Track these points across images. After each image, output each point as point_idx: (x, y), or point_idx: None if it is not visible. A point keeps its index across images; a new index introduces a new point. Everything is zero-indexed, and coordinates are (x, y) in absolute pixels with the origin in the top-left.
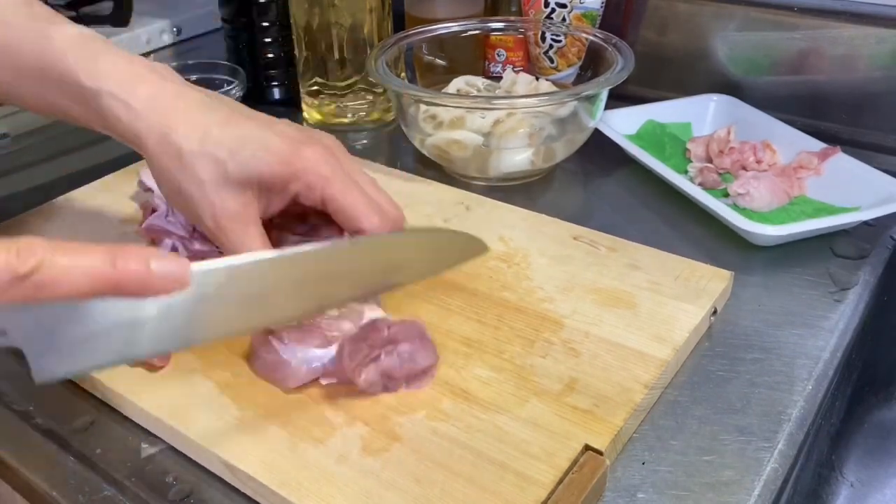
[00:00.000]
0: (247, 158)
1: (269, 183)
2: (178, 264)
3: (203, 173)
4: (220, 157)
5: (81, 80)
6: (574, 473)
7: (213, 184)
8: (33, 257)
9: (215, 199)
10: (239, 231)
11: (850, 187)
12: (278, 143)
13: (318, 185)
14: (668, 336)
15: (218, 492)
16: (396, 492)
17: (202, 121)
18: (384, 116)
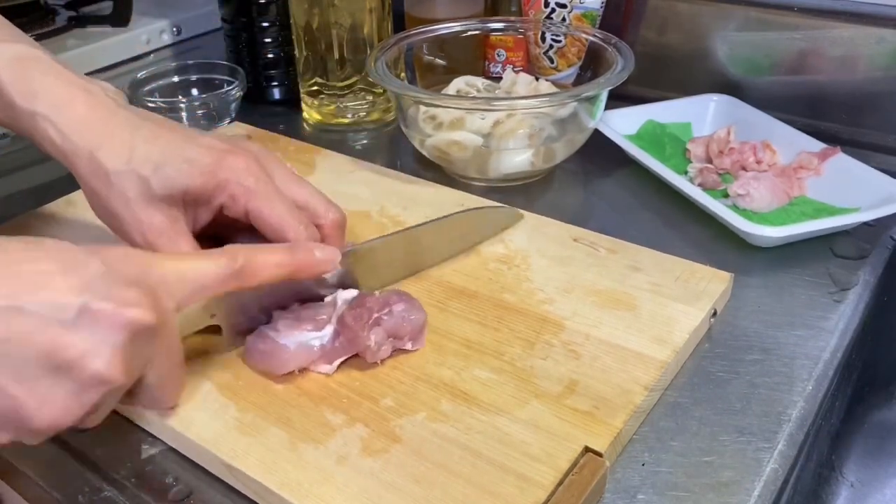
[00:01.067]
0: (170, 173)
1: (194, 196)
2: (333, 251)
3: (129, 191)
4: (145, 175)
5: (15, 100)
6: (574, 475)
7: (139, 201)
8: (240, 257)
9: (142, 216)
10: (168, 246)
11: (850, 187)
12: (201, 155)
13: (241, 196)
14: (668, 338)
15: (218, 492)
16: (396, 493)
17: (129, 139)
18: (384, 116)
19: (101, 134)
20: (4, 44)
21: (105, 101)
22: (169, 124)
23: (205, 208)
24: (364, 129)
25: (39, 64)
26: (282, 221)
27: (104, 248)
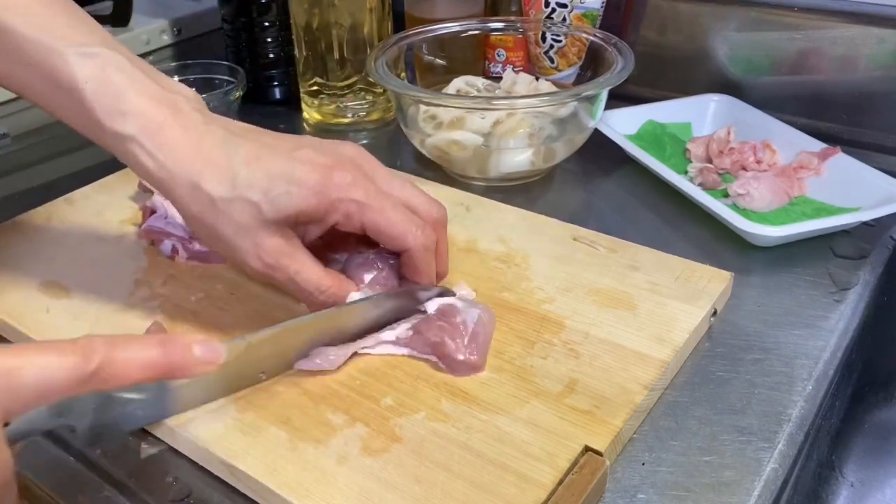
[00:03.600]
0: (279, 196)
1: (307, 217)
2: (215, 347)
3: (239, 218)
4: (254, 200)
5: (102, 120)
6: (574, 474)
7: (251, 227)
8: (96, 357)
9: (257, 241)
10: (287, 263)
11: (850, 187)
12: (308, 175)
13: (355, 213)
14: (668, 337)
15: (217, 492)
16: (397, 492)
17: (228, 163)
18: (384, 116)
19: (199, 159)
20: (84, 49)
21: (193, 118)
22: (263, 138)
23: (316, 226)
24: (364, 129)
25: (123, 75)
26: (399, 230)
27: None
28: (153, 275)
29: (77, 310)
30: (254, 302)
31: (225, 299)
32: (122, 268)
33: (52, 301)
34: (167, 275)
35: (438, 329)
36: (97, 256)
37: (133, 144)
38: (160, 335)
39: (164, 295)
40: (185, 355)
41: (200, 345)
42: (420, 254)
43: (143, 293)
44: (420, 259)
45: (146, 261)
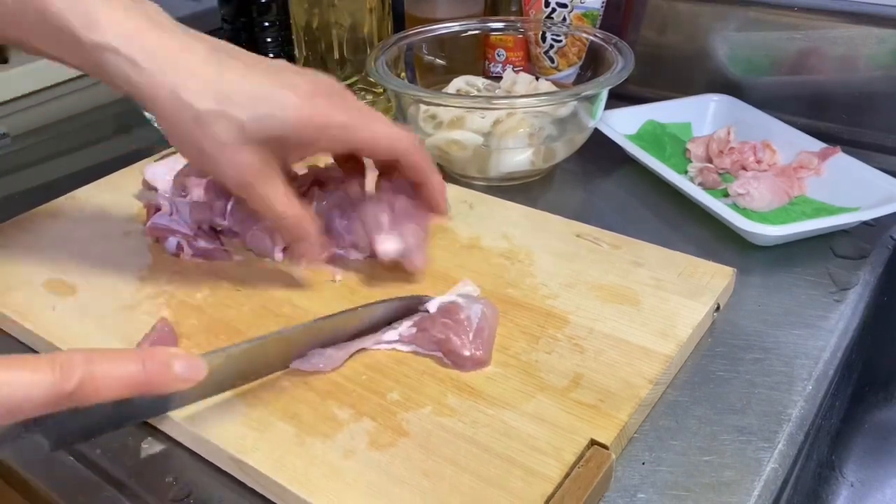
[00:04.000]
0: (264, 118)
1: (288, 142)
2: (196, 363)
3: (222, 134)
4: (238, 118)
5: (78, 32)
6: (580, 468)
7: (234, 144)
8: (75, 374)
9: (238, 158)
10: (263, 185)
11: (850, 187)
12: (292, 100)
13: (341, 136)
14: (672, 332)
15: (218, 492)
16: (405, 486)
17: (214, 77)
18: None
19: (182, 68)
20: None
21: (171, 26)
22: (243, 56)
23: (300, 151)
24: None
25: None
26: (390, 138)
27: None
28: (158, 272)
29: (83, 307)
30: (259, 298)
31: (231, 295)
32: (127, 265)
33: (58, 299)
34: (172, 271)
35: (443, 326)
36: (102, 254)
37: (111, 54)
38: (140, 349)
39: (170, 292)
40: (165, 371)
41: (181, 360)
42: (418, 153)
43: (148, 290)
44: (420, 158)
45: (151, 258)
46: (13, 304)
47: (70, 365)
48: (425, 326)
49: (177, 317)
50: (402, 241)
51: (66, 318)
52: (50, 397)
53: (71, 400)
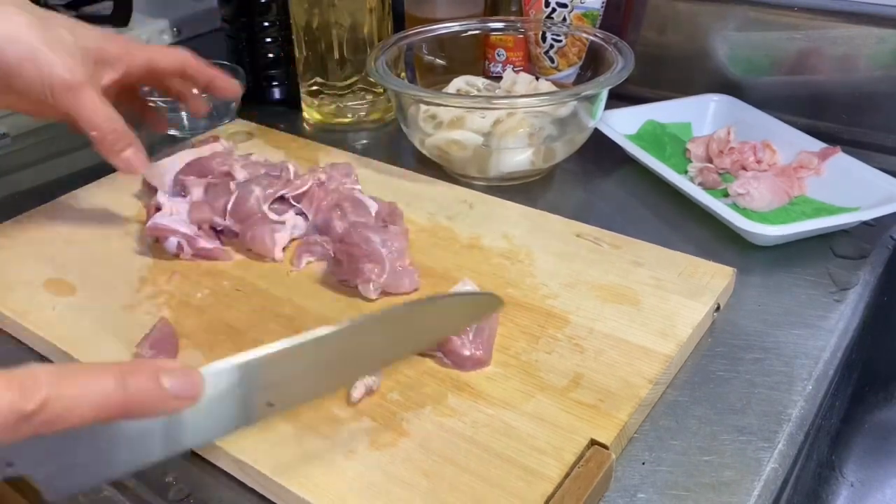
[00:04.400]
0: (84, 33)
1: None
2: (190, 378)
3: (63, 38)
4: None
5: None
6: (580, 467)
7: (70, 46)
8: (38, 394)
9: (73, 60)
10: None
11: (850, 187)
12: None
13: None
14: (672, 332)
15: (217, 492)
16: (405, 486)
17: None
18: (384, 116)
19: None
20: None
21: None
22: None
23: (109, 69)
24: (364, 129)
25: None
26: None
27: None
28: (158, 272)
29: (83, 307)
30: (259, 298)
31: (231, 295)
32: (127, 265)
33: (58, 298)
34: (172, 271)
35: None
36: (102, 254)
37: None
38: (122, 363)
39: (170, 291)
40: (151, 389)
41: (172, 375)
42: (195, 58)
43: (148, 290)
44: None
45: (151, 258)
46: (13, 304)
47: (33, 382)
48: None
49: (177, 317)
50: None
51: (66, 318)
52: (7, 420)
53: (33, 424)
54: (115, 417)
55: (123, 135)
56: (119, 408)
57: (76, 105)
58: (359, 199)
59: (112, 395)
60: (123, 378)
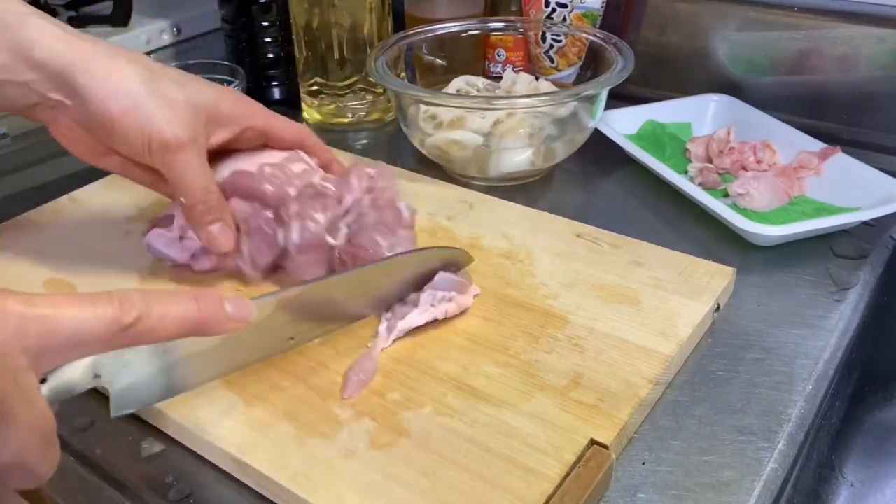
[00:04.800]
0: (197, 89)
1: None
2: (245, 305)
3: (167, 91)
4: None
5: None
6: (580, 467)
7: (176, 102)
8: (134, 309)
9: (178, 116)
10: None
11: (850, 187)
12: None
13: (261, 116)
14: (672, 332)
15: (217, 492)
16: (405, 486)
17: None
18: (384, 116)
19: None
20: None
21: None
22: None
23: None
24: (364, 129)
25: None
26: (296, 125)
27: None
28: (159, 272)
29: None
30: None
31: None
32: (127, 265)
33: None
34: (173, 272)
35: None
36: (103, 254)
37: (38, 18)
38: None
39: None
40: (219, 311)
41: (232, 302)
42: (315, 136)
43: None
44: (317, 140)
45: (151, 258)
46: None
47: (128, 301)
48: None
49: None
50: None
51: None
52: (109, 332)
53: (128, 336)
54: (190, 334)
55: (214, 207)
56: (194, 325)
57: (171, 166)
58: (399, 210)
59: (189, 314)
60: (198, 301)
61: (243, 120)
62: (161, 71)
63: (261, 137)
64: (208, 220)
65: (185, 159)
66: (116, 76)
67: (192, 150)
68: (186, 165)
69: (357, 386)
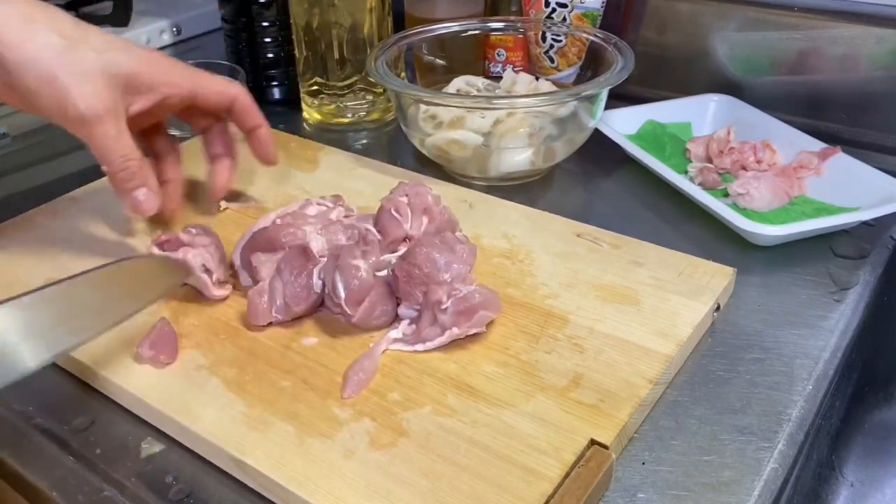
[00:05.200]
0: (118, 54)
1: (139, 81)
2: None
3: (81, 64)
4: (95, 52)
5: None
6: (580, 467)
7: (91, 74)
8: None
9: (93, 88)
10: (112, 120)
11: (850, 187)
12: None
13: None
14: (672, 332)
15: (218, 491)
16: (404, 486)
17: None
18: (384, 116)
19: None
20: None
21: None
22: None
23: (142, 97)
24: (364, 129)
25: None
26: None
27: None
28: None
29: None
30: None
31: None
32: None
33: None
34: None
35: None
36: (102, 254)
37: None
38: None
39: None
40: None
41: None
42: (247, 97)
43: None
44: (250, 101)
45: None
46: None
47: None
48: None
49: (177, 317)
50: None
51: None
52: None
53: None
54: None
55: (136, 173)
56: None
57: (89, 138)
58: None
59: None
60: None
61: (166, 87)
62: (81, 36)
63: (186, 102)
64: (131, 187)
65: (103, 130)
66: (30, 46)
67: (109, 121)
68: (104, 137)
69: (357, 385)
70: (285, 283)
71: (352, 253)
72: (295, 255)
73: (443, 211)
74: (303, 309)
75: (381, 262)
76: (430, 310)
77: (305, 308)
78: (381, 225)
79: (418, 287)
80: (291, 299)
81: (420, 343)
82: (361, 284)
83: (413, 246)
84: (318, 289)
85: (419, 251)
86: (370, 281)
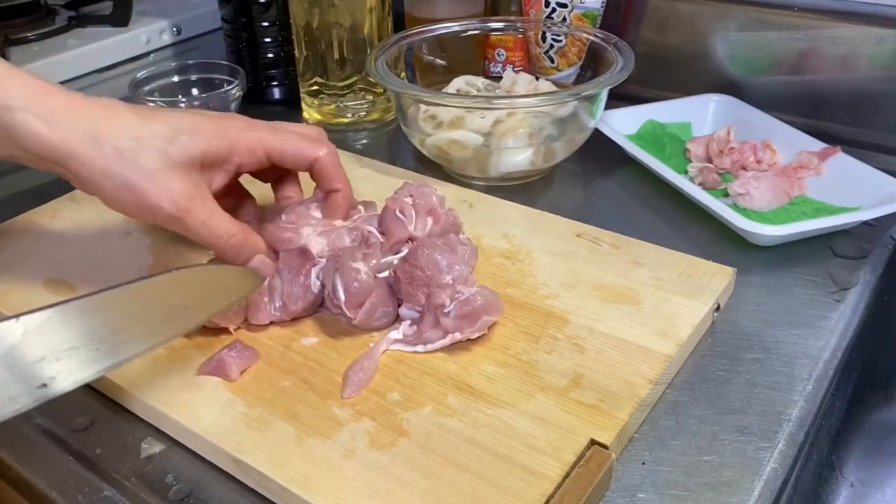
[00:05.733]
0: (184, 141)
1: (211, 158)
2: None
3: (148, 163)
4: (160, 147)
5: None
6: (580, 467)
7: (162, 171)
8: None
9: (168, 185)
10: (199, 206)
11: (850, 187)
12: (206, 123)
13: (257, 146)
14: (672, 332)
15: (218, 492)
16: (404, 486)
17: (128, 118)
18: (384, 116)
19: (95, 118)
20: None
21: (72, 92)
22: (143, 108)
23: (220, 171)
24: (364, 129)
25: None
26: (301, 145)
27: None
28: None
29: None
30: None
31: None
32: (127, 265)
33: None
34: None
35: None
36: (102, 254)
37: (22, 113)
38: None
39: None
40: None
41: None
42: (330, 158)
43: None
44: (332, 163)
45: (151, 258)
46: (13, 304)
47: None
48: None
49: None
50: None
51: None
52: None
53: None
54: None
55: (244, 246)
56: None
57: (185, 231)
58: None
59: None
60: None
61: (238, 157)
62: (147, 132)
63: (263, 165)
64: (244, 260)
65: (194, 220)
66: (100, 162)
67: (197, 207)
68: (199, 225)
69: (357, 385)
70: (283, 283)
71: (352, 255)
72: (294, 256)
73: (448, 212)
74: (300, 308)
75: (382, 264)
76: (432, 312)
77: (303, 307)
78: (386, 226)
79: (420, 289)
80: (289, 298)
81: (421, 344)
82: (361, 287)
83: (415, 247)
84: (316, 289)
85: (421, 253)
86: (370, 283)
